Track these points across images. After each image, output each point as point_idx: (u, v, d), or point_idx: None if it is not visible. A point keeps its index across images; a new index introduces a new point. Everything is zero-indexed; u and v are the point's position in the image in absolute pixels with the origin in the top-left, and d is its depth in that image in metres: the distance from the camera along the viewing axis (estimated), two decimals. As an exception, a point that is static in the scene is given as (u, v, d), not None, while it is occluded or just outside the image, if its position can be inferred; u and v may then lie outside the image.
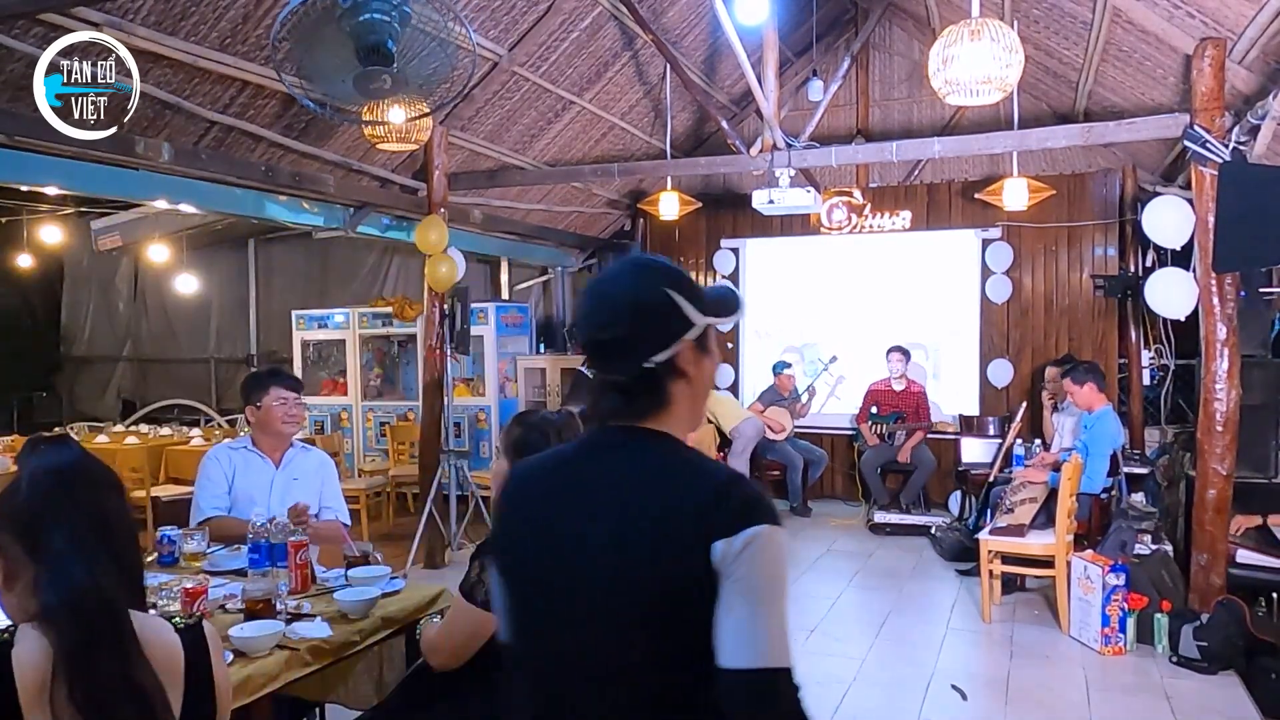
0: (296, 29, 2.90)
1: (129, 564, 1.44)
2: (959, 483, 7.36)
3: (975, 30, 3.32)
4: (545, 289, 9.91)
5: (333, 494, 3.42)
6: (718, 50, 7.29)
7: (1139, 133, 5.14)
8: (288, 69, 2.99)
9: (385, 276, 9.71)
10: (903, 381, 7.54)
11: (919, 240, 8.11)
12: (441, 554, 6.30)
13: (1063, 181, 7.52)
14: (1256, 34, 4.18)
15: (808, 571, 6.14)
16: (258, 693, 2.13)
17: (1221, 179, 4.39)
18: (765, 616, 1.11)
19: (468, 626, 2.21)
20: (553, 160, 7.41)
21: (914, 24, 7.97)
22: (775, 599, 1.13)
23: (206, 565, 2.96)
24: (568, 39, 6.09)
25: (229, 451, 3.36)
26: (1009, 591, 5.34)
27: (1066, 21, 5.56)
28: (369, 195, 6.54)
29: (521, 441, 2.36)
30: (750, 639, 1.10)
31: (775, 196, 5.66)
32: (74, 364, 11.87)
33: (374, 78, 2.95)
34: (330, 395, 8.74)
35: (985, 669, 4.40)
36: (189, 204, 5.95)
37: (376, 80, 2.96)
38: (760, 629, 1.11)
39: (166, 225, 9.11)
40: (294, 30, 2.91)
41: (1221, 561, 4.49)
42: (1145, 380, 7.26)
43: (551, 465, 1.33)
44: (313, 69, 3.01)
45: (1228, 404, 4.49)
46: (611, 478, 1.22)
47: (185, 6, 4.28)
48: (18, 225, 10.13)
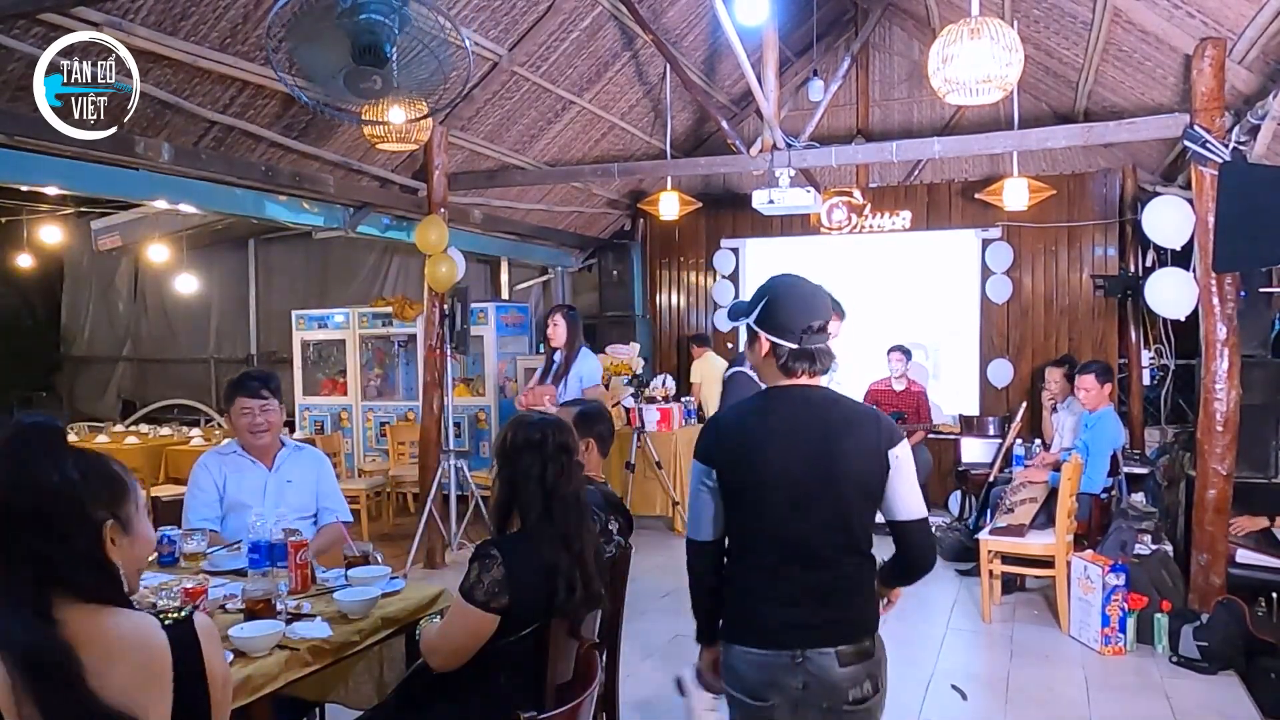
0: (293, 21, 2.90)
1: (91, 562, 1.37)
2: (959, 483, 7.36)
3: (975, 29, 3.31)
4: (545, 289, 9.91)
5: (330, 492, 3.38)
6: (718, 50, 7.29)
7: (1139, 133, 5.14)
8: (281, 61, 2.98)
9: (385, 276, 9.71)
10: (903, 381, 7.53)
11: (919, 240, 8.11)
12: (441, 554, 6.30)
13: (1063, 181, 7.52)
14: (1256, 34, 4.18)
15: (808, 571, 6.14)
16: (258, 693, 2.12)
17: (1221, 179, 4.39)
18: (917, 489, 2.06)
19: (467, 627, 2.21)
20: (553, 160, 7.41)
21: (914, 24, 7.97)
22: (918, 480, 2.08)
23: (206, 565, 2.95)
24: (568, 39, 6.09)
25: (218, 458, 3.28)
26: (1009, 591, 5.34)
27: (1066, 21, 5.56)
28: (369, 195, 6.54)
29: (498, 442, 2.38)
30: (917, 502, 2.05)
31: (775, 196, 5.65)
32: (74, 364, 11.87)
33: (365, 77, 2.95)
34: (330, 395, 8.74)
35: (985, 669, 4.40)
36: (189, 204, 5.95)
37: (367, 80, 2.97)
38: (919, 496, 2.06)
39: (166, 225, 9.10)
40: (291, 22, 2.90)
41: (1221, 561, 4.48)
42: (1145, 380, 7.26)
43: (796, 397, 2.05)
44: (307, 62, 3.01)
45: (1228, 404, 4.49)
46: (825, 411, 2.03)
47: (185, 6, 4.28)
48: (18, 225, 10.13)
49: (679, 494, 6.96)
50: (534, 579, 2.24)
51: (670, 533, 7.11)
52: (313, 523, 3.29)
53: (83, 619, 1.34)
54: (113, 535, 1.39)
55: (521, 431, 2.34)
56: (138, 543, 1.46)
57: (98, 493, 1.40)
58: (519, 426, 2.37)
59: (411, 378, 8.65)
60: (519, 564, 2.22)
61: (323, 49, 2.94)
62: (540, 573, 2.25)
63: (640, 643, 4.54)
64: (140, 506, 1.47)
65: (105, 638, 1.35)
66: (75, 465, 1.40)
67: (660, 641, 4.66)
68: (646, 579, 5.73)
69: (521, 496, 2.30)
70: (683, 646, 4.63)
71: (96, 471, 1.42)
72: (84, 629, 1.33)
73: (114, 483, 1.44)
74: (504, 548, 2.25)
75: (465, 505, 6.57)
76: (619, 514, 3.01)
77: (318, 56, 2.97)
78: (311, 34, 2.91)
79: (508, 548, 2.25)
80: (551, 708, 2.25)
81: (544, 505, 2.29)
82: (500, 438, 2.39)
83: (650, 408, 7.14)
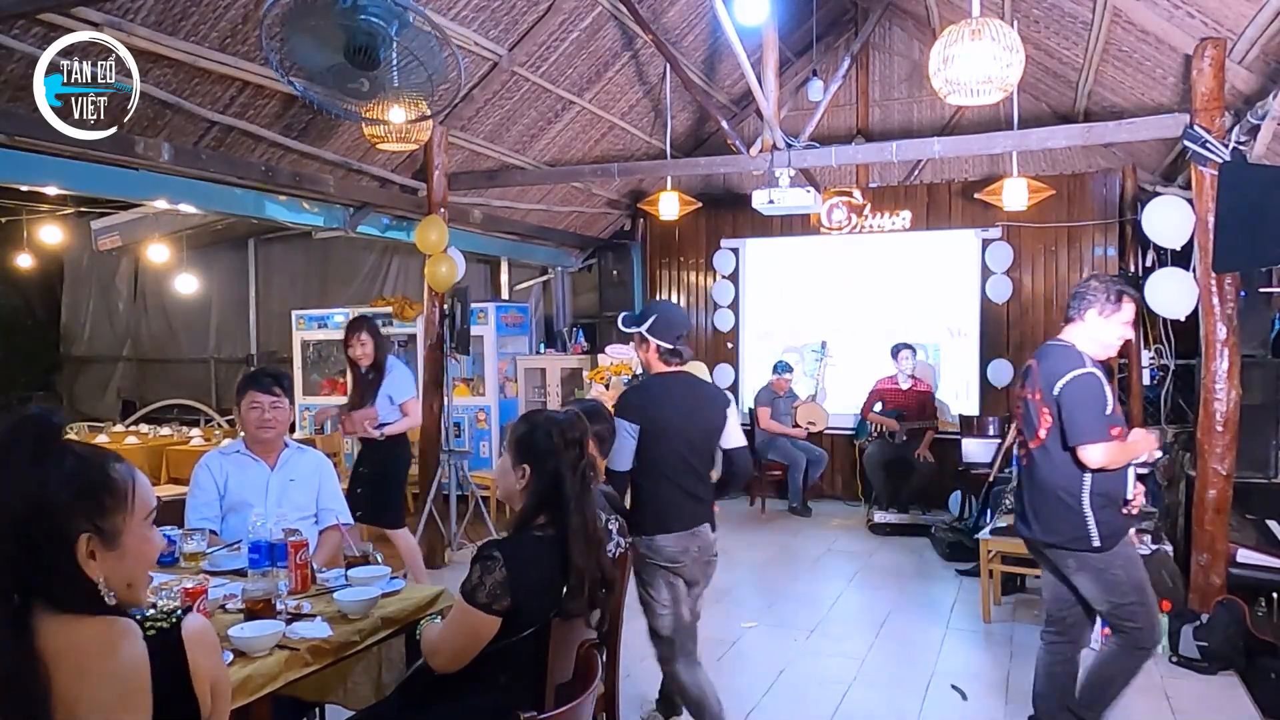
0: (292, 10, 2.89)
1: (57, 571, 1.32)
2: (959, 483, 7.36)
3: (976, 30, 3.31)
4: (545, 289, 9.91)
5: (331, 494, 3.40)
6: (718, 50, 7.29)
7: (1139, 133, 5.14)
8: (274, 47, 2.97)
9: (385, 276, 9.71)
10: (909, 380, 7.53)
11: (919, 240, 8.11)
12: (441, 554, 6.30)
13: (1063, 181, 7.52)
14: (1256, 34, 4.18)
15: (808, 571, 6.14)
16: (258, 693, 2.13)
17: (1221, 179, 4.39)
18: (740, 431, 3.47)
19: (468, 629, 2.21)
20: (553, 160, 7.41)
21: (914, 24, 7.97)
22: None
23: (206, 565, 2.96)
24: (568, 39, 6.09)
25: (220, 458, 3.31)
26: (1009, 591, 5.34)
27: (1066, 21, 5.56)
28: (369, 195, 6.54)
29: (528, 438, 2.38)
30: (740, 438, 3.46)
31: (775, 196, 5.65)
32: (74, 364, 11.87)
33: (353, 78, 2.95)
34: (330, 395, 8.74)
35: (985, 669, 4.40)
36: (189, 204, 5.95)
37: (354, 81, 2.96)
38: (741, 434, 3.47)
39: (166, 225, 9.11)
40: (289, 11, 2.89)
41: (1221, 561, 4.48)
42: (1145, 380, 7.25)
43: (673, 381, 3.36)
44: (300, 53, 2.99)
45: (1228, 404, 4.49)
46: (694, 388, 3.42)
47: (185, 6, 4.28)
48: (18, 225, 10.14)
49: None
50: (538, 580, 2.24)
51: (670, 533, 7.10)
52: (313, 522, 3.30)
53: (58, 630, 1.30)
54: (92, 548, 1.32)
55: (558, 428, 2.35)
56: (128, 555, 1.37)
57: (77, 503, 1.32)
58: (553, 423, 2.37)
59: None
60: (522, 565, 2.21)
61: (317, 42, 2.93)
62: (553, 573, 2.25)
63: (640, 643, 4.53)
64: (139, 515, 1.39)
65: (79, 650, 1.30)
66: (60, 472, 1.32)
67: (660, 641, 4.66)
68: (646, 579, 5.73)
69: (562, 493, 2.31)
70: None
71: (85, 479, 1.34)
72: (57, 641, 1.29)
73: (102, 491, 1.35)
74: (506, 549, 2.24)
75: (465, 505, 6.58)
76: (619, 514, 3.03)
77: (311, 48, 2.96)
78: (307, 26, 2.90)
79: (510, 549, 2.25)
80: (551, 708, 2.25)
81: (579, 502, 2.31)
82: (529, 434, 2.37)
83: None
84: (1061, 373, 3.16)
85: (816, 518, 7.68)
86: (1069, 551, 3.20)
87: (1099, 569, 3.16)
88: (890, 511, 7.27)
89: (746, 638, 4.80)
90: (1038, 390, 3.23)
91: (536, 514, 2.33)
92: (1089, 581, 3.21)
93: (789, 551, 6.64)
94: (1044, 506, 3.23)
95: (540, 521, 2.32)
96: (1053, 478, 3.18)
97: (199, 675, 1.40)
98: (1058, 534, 3.20)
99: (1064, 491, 3.15)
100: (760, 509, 8.01)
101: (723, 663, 4.43)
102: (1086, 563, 3.17)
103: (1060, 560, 3.27)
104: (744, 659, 4.52)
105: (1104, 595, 3.19)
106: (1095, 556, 3.14)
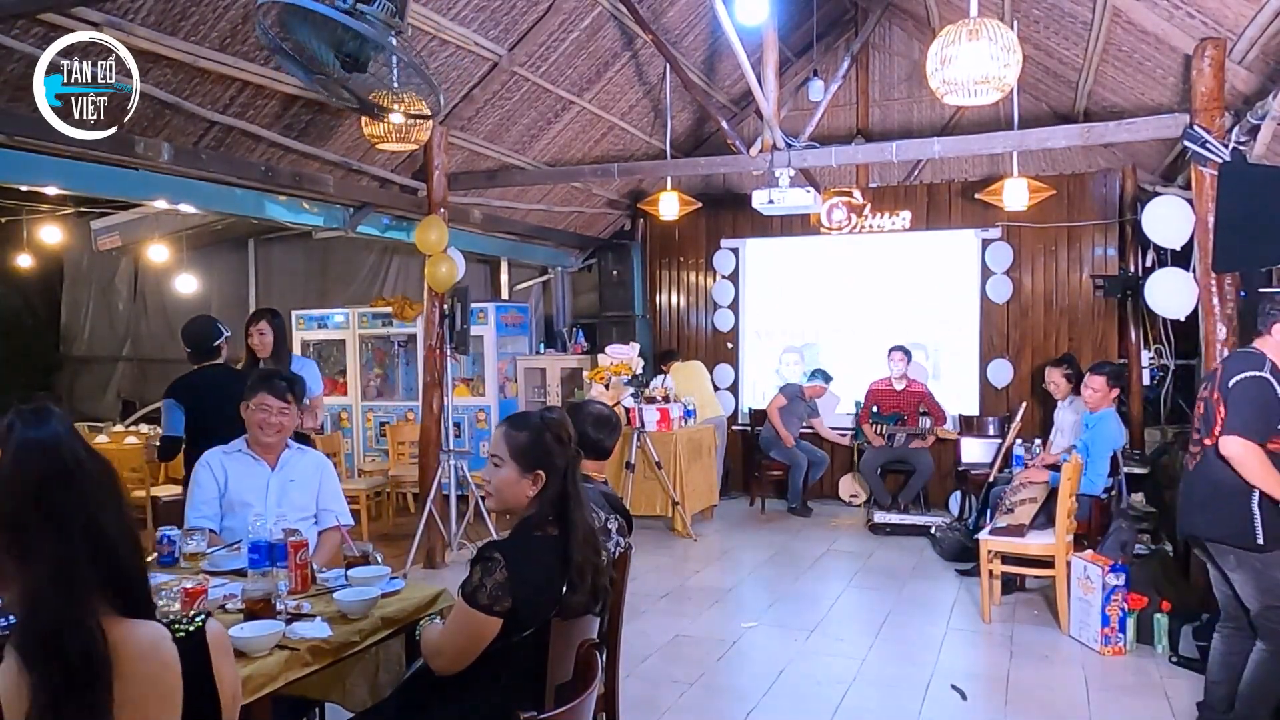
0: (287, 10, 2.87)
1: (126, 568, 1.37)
2: (959, 483, 7.36)
3: (974, 30, 3.31)
4: (545, 289, 9.91)
5: (332, 494, 3.40)
6: (718, 50, 7.29)
7: (1139, 133, 5.14)
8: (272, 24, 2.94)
9: (385, 276, 9.71)
10: (903, 381, 7.54)
11: (919, 240, 8.11)
12: (441, 554, 6.30)
13: (1063, 181, 7.52)
14: (1256, 34, 4.18)
15: (808, 571, 6.14)
16: (258, 693, 2.12)
17: (1221, 179, 4.39)
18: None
19: (469, 630, 2.20)
20: (553, 160, 7.41)
21: (914, 24, 7.97)
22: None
23: (206, 565, 2.96)
24: (568, 39, 6.09)
25: (221, 456, 3.31)
26: (1009, 591, 5.34)
27: (1066, 21, 5.56)
28: (369, 195, 6.54)
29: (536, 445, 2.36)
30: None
31: (775, 196, 5.65)
32: (74, 364, 11.86)
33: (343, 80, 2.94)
34: (330, 395, 8.73)
35: (985, 669, 4.40)
36: (189, 204, 5.95)
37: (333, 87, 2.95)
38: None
39: (166, 225, 9.10)
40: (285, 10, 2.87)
41: (1222, 561, 4.48)
42: (1145, 380, 7.26)
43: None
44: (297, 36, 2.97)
45: (1228, 404, 4.48)
46: None
47: (185, 6, 4.28)
48: (18, 225, 10.13)
49: (679, 494, 6.96)
50: (539, 580, 2.23)
51: (670, 533, 7.11)
52: (313, 522, 3.30)
53: (112, 630, 1.33)
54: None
55: (557, 428, 2.33)
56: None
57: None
58: (551, 424, 2.34)
59: (411, 378, 8.66)
60: (523, 566, 2.21)
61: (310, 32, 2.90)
62: (552, 573, 2.25)
63: (640, 643, 4.54)
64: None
65: (122, 650, 1.33)
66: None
67: (660, 641, 4.66)
68: (646, 579, 5.74)
69: (569, 492, 2.31)
70: (682, 646, 4.64)
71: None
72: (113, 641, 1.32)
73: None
74: (507, 550, 2.24)
75: (465, 505, 6.58)
76: (619, 514, 3.02)
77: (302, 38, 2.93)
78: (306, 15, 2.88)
79: (511, 550, 2.24)
80: (551, 708, 2.25)
81: (579, 499, 2.32)
82: (536, 440, 2.33)
83: (650, 408, 7.14)
84: (1240, 371, 3.24)
85: (816, 518, 7.68)
86: (1230, 548, 3.25)
87: (1258, 569, 3.21)
88: (890, 511, 7.28)
89: (746, 638, 4.80)
90: (1216, 389, 3.29)
91: (548, 517, 2.32)
92: (1246, 580, 3.25)
93: (789, 551, 6.65)
94: (1212, 502, 3.29)
95: (547, 522, 2.32)
96: (1225, 475, 3.22)
97: (222, 678, 1.45)
98: (1222, 529, 3.25)
99: (1234, 488, 3.20)
100: (760, 509, 8.01)
101: (723, 663, 4.43)
102: (1246, 561, 3.22)
103: (1221, 556, 3.31)
104: (744, 659, 4.52)
105: (1259, 595, 3.22)
106: (1257, 556, 3.19)
